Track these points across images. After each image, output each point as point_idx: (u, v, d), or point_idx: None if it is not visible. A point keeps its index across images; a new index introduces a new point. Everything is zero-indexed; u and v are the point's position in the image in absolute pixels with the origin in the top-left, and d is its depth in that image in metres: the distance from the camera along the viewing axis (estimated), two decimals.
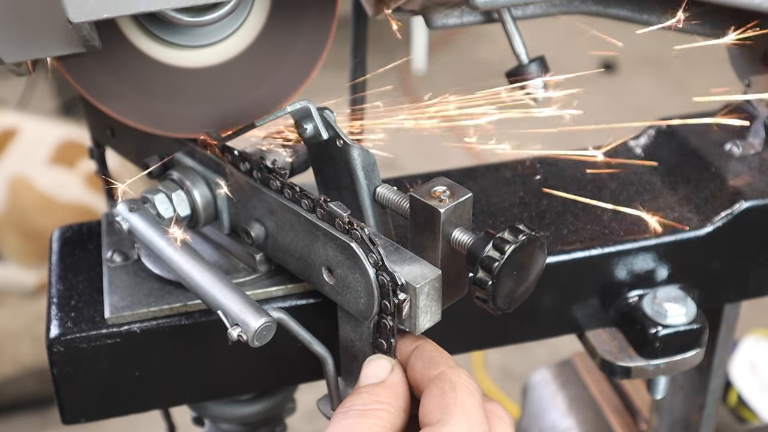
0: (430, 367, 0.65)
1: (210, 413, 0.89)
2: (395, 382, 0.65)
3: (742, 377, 2.00)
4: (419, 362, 0.66)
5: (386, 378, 0.65)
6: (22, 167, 2.82)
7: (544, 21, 0.95)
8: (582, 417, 1.36)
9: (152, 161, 0.82)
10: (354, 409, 0.62)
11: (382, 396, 0.63)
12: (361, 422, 0.61)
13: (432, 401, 0.62)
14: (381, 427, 0.61)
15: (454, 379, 0.62)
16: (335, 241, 0.66)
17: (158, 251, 0.71)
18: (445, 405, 0.61)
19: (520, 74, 0.82)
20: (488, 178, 0.91)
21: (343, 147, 0.71)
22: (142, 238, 0.73)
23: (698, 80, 4.43)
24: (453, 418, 0.60)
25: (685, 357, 0.85)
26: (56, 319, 0.75)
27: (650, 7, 0.92)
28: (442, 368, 0.64)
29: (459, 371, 0.63)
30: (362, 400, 0.63)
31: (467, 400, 0.61)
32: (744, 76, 0.96)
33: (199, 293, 0.69)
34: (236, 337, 0.65)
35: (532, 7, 0.87)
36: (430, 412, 0.61)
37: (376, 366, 0.66)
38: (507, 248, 0.63)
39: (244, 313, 0.65)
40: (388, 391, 0.64)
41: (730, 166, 0.89)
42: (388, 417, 0.62)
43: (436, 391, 0.62)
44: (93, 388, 0.75)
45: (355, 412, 0.62)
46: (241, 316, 0.65)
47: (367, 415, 0.61)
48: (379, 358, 0.67)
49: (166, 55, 0.73)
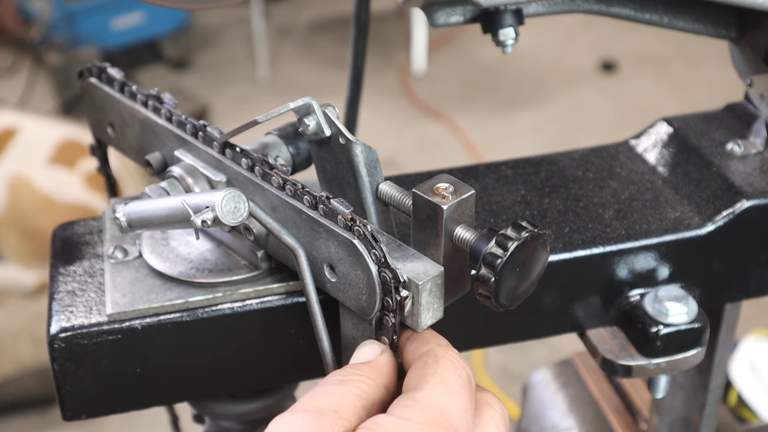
0: (420, 347, 0.65)
1: (210, 410, 0.89)
2: (381, 362, 0.65)
3: (742, 377, 2.00)
4: (411, 344, 0.66)
5: (374, 359, 0.65)
6: (22, 167, 2.83)
7: (545, 21, 0.95)
8: (582, 417, 1.36)
9: (153, 158, 0.82)
10: (333, 378, 0.62)
11: (363, 370, 0.63)
12: (335, 388, 0.61)
13: (413, 372, 0.62)
14: (356, 396, 0.61)
15: (439, 354, 0.63)
16: (337, 238, 0.67)
17: (149, 214, 0.72)
18: (423, 374, 0.61)
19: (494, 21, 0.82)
20: (490, 176, 0.91)
21: (345, 144, 0.71)
22: (137, 214, 0.73)
23: (698, 80, 4.44)
24: (428, 384, 0.60)
25: (686, 356, 0.85)
26: (57, 315, 0.75)
27: (652, 6, 0.92)
28: (431, 346, 0.64)
29: (447, 349, 0.64)
30: (343, 372, 0.63)
31: (448, 371, 0.61)
32: (746, 75, 0.96)
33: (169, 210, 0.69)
34: (200, 223, 0.65)
35: (533, 6, 0.87)
36: (409, 381, 0.61)
37: (366, 349, 0.66)
38: (510, 245, 0.63)
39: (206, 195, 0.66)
40: (372, 368, 0.64)
41: (731, 165, 0.89)
42: (365, 388, 0.62)
43: (420, 363, 0.63)
44: (94, 385, 0.75)
45: (334, 380, 0.62)
46: (204, 199, 0.65)
47: (344, 383, 0.61)
48: (371, 343, 0.67)
49: None
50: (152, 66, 4.72)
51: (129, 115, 0.83)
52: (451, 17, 0.85)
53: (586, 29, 4.89)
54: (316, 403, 0.59)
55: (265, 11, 4.75)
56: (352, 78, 1.13)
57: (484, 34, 0.84)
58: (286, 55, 4.86)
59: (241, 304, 0.75)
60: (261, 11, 4.57)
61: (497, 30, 0.83)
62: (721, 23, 0.95)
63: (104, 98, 0.86)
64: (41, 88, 4.17)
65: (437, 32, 4.82)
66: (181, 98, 4.12)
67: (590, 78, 4.58)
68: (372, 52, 1.22)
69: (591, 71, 4.63)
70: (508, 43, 0.83)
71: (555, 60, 4.72)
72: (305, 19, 5.21)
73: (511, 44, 0.83)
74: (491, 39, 0.84)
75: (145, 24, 4.47)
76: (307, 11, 5.29)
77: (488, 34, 0.85)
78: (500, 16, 0.82)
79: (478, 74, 4.59)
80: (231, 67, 4.78)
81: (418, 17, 4.33)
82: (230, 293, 0.75)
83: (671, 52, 4.73)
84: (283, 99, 0.75)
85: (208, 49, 4.96)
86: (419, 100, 4.37)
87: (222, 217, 0.65)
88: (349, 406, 0.59)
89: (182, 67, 4.75)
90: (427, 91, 4.47)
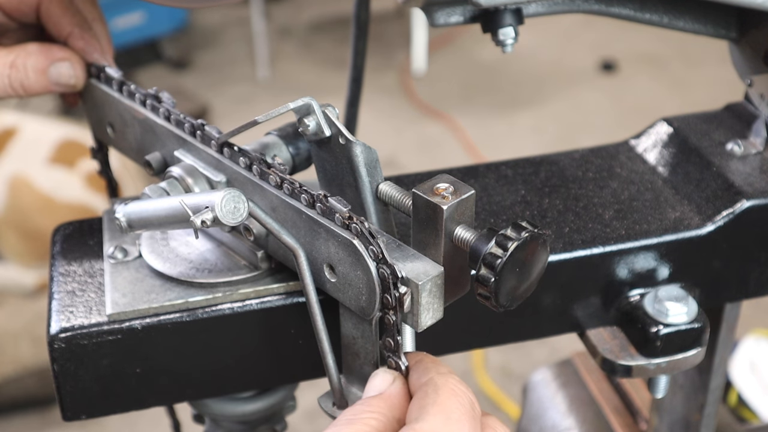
0: (421, 376, 0.65)
1: (210, 411, 0.89)
2: (393, 393, 0.65)
3: (742, 377, 2.00)
4: (415, 374, 0.66)
5: (386, 390, 0.65)
6: (22, 167, 2.82)
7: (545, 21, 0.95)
8: (582, 417, 1.36)
9: (153, 158, 0.82)
10: (345, 417, 0.62)
11: (374, 406, 0.63)
12: (346, 428, 0.61)
13: (414, 403, 0.62)
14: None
15: (439, 383, 0.63)
16: (337, 238, 0.66)
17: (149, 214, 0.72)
18: (423, 405, 0.61)
19: (494, 20, 0.83)
20: (490, 176, 0.91)
21: (345, 144, 0.71)
22: (138, 214, 0.73)
23: (698, 80, 4.44)
24: (428, 415, 0.60)
25: (686, 356, 0.85)
26: (57, 315, 0.75)
27: (652, 6, 0.92)
28: (431, 375, 0.64)
29: (447, 377, 0.64)
30: (354, 411, 0.63)
31: (448, 400, 0.61)
32: (745, 75, 0.96)
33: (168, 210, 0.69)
34: (200, 224, 0.65)
35: (534, 6, 0.87)
36: (410, 413, 0.61)
37: (379, 380, 0.66)
38: (510, 245, 0.63)
39: (205, 195, 0.66)
40: (383, 402, 0.64)
41: (731, 165, 0.89)
42: (376, 425, 0.61)
43: (420, 394, 0.63)
44: (94, 385, 0.75)
45: (345, 419, 0.62)
46: (203, 199, 0.65)
47: (354, 423, 0.61)
48: (384, 372, 0.67)
49: None
50: (152, 66, 4.72)
51: (129, 115, 0.83)
52: (451, 17, 0.85)
53: (586, 29, 4.89)
54: None
55: (265, 11, 4.75)
56: (352, 78, 1.13)
57: (484, 33, 0.84)
58: (286, 55, 4.86)
59: (241, 304, 0.75)
60: (261, 11, 4.57)
61: (497, 29, 0.83)
62: (721, 23, 0.95)
63: (103, 98, 0.86)
64: None
65: (437, 32, 4.82)
66: (181, 98, 4.12)
67: (590, 78, 4.58)
68: (372, 52, 1.22)
69: (591, 71, 4.63)
70: (507, 43, 0.83)
71: (555, 60, 4.72)
72: (305, 19, 5.21)
73: (511, 43, 0.84)
74: (491, 38, 0.84)
75: (145, 24, 4.47)
76: (307, 11, 5.28)
77: (488, 33, 0.85)
78: (500, 15, 0.82)
79: (478, 74, 4.59)
80: (231, 67, 4.78)
81: (418, 17, 4.33)
82: (230, 293, 0.75)
83: (671, 52, 4.73)
84: (283, 99, 0.75)
85: (208, 49, 4.96)
86: (419, 100, 4.37)
87: (222, 217, 0.65)
88: None
89: (182, 67, 4.75)
90: (427, 91, 4.47)
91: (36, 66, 0.85)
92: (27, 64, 0.84)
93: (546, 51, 4.73)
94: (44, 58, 0.85)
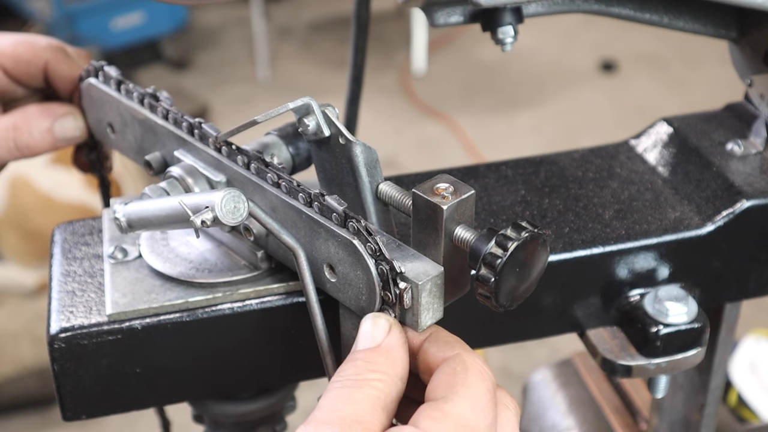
0: (446, 350, 0.63)
1: (210, 411, 0.89)
2: (392, 345, 0.63)
3: (742, 377, 2.00)
4: (433, 346, 0.64)
5: (383, 341, 0.63)
6: (22, 167, 2.82)
7: (545, 21, 0.95)
8: (582, 417, 1.36)
9: (153, 158, 0.82)
10: (349, 378, 0.60)
11: (377, 364, 0.61)
12: (354, 393, 0.59)
13: (441, 378, 0.61)
14: (375, 398, 0.59)
15: (468, 362, 0.61)
16: (337, 238, 0.67)
17: (149, 215, 0.72)
18: (453, 383, 0.60)
19: (493, 19, 0.82)
20: (490, 176, 0.91)
21: (345, 144, 0.71)
22: (137, 215, 0.73)
23: (698, 80, 4.44)
24: (457, 396, 0.59)
25: (686, 356, 0.85)
26: (57, 315, 0.75)
27: (652, 6, 0.92)
28: (458, 350, 0.63)
29: (474, 356, 0.63)
30: (356, 369, 0.61)
31: (477, 382, 0.60)
32: (745, 75, 0.96)
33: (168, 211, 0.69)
34: (200, 223, 0.65)
35: (533, 6, 0.87)
36: (437, 388, 0.60)
37: (372, 325, 0.64)
38: (510, 245, 0.63)
39: (205, 195, 0.66)
40: (384, 357, 0.62)
41: (731, 165, 0.89)
42: (383, 387, 0.60)
43: (448, 369, 0.61)
44: (94, 385, 0.75)
45: (350, 381, 0.60)
46: (203, 199, 0.65)
47: (361, 385, 0.60)
48: (376, 317, 0.64)
49: None
50: (152, 66, 4.72)
51: (128, 115, 0.83)
52: (451, 17, 0.85)
53: (586, 29, 4.89)
54: (338, 412, 0.58)
55: (265, 11, 4.75)
56: (353, 77, 1.13)
57: (484, 32, 0.84)
58: (286, 55, 4.86)
59: (241, 304, 0.75)
60: (261, 11, 4.57)
61: (496, 28, 0.83)
62: (720, 23, 0.95)
63: (103, 98, 0.86)
64: None
65: (437, 32, 4.82)
66: (181, 98, 4.12)
67: (590, 78, 4.58)
68: (372, 52, 1.22)
69: (591, 71, 4.63)
70: (507, 41, 0.83)
71: (555, 60, 4.72)
72: (305, 19, 5.21)
73: (510, 42, 0.83)
74: (491, 37, 0.84)
75: (145, 24, 4.47)
76: (307, 11, 5.29)
77: (487, 32, 0.85)
78: (499, 14, 0.82)
79: (478, 74, 4.59)
80: (231, 67, 4.78)
81: (418, 17, 4.33)
82: (230, 293, 0.75)
83: (671, 52, 4.73)
84: (283, 99, 0.75)
85: (208, 49, 4.96)
86: (419, 100, 4.37)
87: (222, 217, 0.65)
88: (371, 413, 0.58)
89: (182, 67, 4.75)
90: (427, 91, 4.47)
91: (40, 126, 0.85)
92: (31, 126, 0.85)
93: (546, 51, 4.73)
94: (47, 117, 0.86)
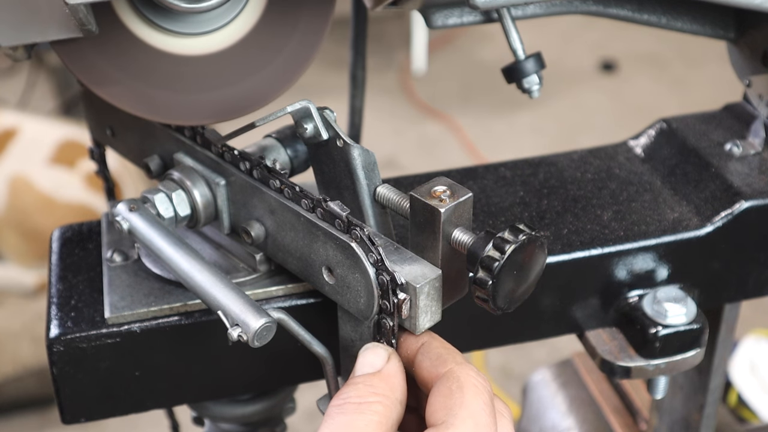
0: (438, 365, 0.64)
1: (210, 413, 0.89)
2: (391, 372, 0.64)
3: (742, 377, 2.00)
4: (426, 360, 0.65)
5: (382, 368, 0.64)
6: (22, 167, 2.82)
7: (545, 21, 0.95)
8: (582, 417, 1.36)
9: (152, 161, 0.82)
10: (350, 402, 0.61)
11: (378, 387, 0.62)
12: (357, 419, 0.60)
13: (438, 400, 0.61)
14: (377, 423, 0.60)
15: (462, 378, 0.61)
16: (335, 240, 0.67)
17: (158, 251, 0.71)
18: (450, 405, 0.60)
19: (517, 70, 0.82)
20: (488, 177, 0.91)
21: (343, 147, 0.71)
22: (142, 237, 0.73)
23: (698, 80, 4.44)
24: (457, 419, 0.59)
25: (685, 357, 0.85)
26: (56, 318, 0.75)
27: (650, 6, 0.92)
28: (450, 365, 0.63)
29: (467, 368, 0.62)
30: (358, 392, 0.62)
31: (473, 400, 0.60)
32: (744, 75, 0.96)
33: (200, 293, 0.69)
34: (236, 338, 0.65)
35: (532, 7, 0.87)
36: (436, 412, 0.60)
37: (371, 354, 0.65)
38: (507, 248, 0.63)
39: (244, 313, 0.65)
40: (384, 382, 0.63)
41: (730, 166, 0.89)
42: (384, 411, 0.61)
43: (443, 390, 0.61)
44: (93, 388, 0.75)
45: (351, 405, 0.61)
46: (241, 317, 0.65)
47: (363, 410, 0.60)
48: (375, 347, 0.66)
49: (163, 42, 0.73)
50: None
51: (128, 118, 0.83)
52: (449, 19, 0.86)
53: (586, 29, 4.89)
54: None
55: None
56: (353, 75, 1.12)
57: (508, 84, 0.84)
58: None
59: None
60: None
61: (521, 79, 0.83)
62: (719, 24, 0.95)
63: (103, 101, 0.85)
64: (41, 89, 4.16)
65: (437, 32, 4.81)
66: None
67: (590, 78, 4.57)
68: (372, 52, 1.22)
69: (591, 71, 4.63)
70: (534, 89, 0.83)
71: (555, 60, 4.71)
72: None
73: (537, 89, 0.83)
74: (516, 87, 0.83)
75: None
76: None
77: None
78: (522, 66, 0.82)
79: (478, 74, 4.59)
80: None
81: (418, 17, 4.32)
82: None
83: (671, 52, 4.72)
84: (283, 101, 0.75)
85: None
86: (419, 100, 4.37)
87: (250, 342, 0.65)
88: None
89: None
90: (427, 91, 4.46)
91: None
92: None
93: (546, 51, 4.68)
94: None
